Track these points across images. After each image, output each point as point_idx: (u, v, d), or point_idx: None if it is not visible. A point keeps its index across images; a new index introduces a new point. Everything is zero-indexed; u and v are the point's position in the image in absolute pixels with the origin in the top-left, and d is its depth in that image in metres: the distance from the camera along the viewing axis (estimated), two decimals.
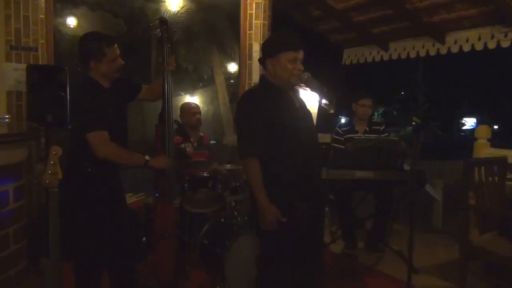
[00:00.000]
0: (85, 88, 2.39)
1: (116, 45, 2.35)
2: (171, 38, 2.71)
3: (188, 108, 3.69)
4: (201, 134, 3.79)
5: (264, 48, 2.25)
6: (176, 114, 3.58)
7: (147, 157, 2.39)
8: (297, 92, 2.28)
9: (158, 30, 2.64)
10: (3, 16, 3.59)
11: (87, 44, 2.31)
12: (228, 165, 3.39)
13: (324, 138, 2.43)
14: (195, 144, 3.66)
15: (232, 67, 6.43)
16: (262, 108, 2.13)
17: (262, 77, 2.29)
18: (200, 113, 3.73)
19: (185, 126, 3.61)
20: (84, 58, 2.33)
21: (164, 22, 2.65)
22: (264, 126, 2.09)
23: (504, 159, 3.23)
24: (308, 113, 2.24)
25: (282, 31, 2.24)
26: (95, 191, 2.30)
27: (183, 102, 3.92)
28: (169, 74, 2.61)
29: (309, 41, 2.25)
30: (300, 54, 2.15)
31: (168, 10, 5.78)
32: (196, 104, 3.81)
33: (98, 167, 2.29)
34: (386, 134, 4.02)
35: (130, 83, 2.67)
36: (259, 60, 2.28)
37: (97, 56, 2.29)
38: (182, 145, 3.54)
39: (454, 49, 4.94)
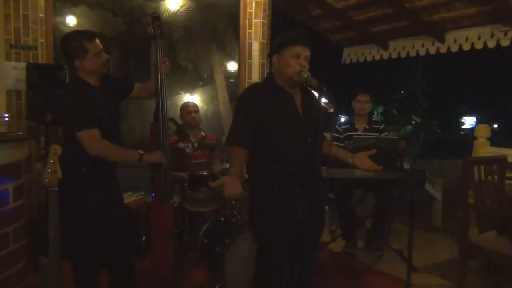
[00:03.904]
0: (72, 88, 2.38)
1: (97, 39, 2.32)
2: (164, 35, 2.68)
3: (184, 107, 3.68)
4: (203, 134, 3.77)
5: (273, 45, 2.28)
6: (171, 113, 3.57)
7: (140, 151, 2.38)
8: (306, 92, 2.25)
9: (151, 26, 2.60)
10: (3, 15, 3.59)
11: (67, 44, 2.28)
12: (228, 165, 3.39)
13: None
14: (196, 144, 3.65)
15: (232, 66, 6.43)
16: (253, 103, 2.20)
17: (269, 73, 2.33)
18: (196, 112, 3.68)
19: (184, 126, 3.61)
20: (68, 59, 2.30)
21: (156, 18, 2.60)
22: (250, 120, 2.17)
23: (503, 158, 3.23)
24: (314, 113, 2.21)
25: (292, 28, 2.24)
26: (91, 191, 2.30)
27: (183, 102, 3.90)
28: (163, 77, 2.59)
29: (309, 40, 2.24)
30: (305, 51, 2.15)
31: (168, 9, 5.78)
32: (194, 103, 3.77)
33: (94, 166, 2.28)
34: (386, 133, 4.03)
35: (121, 81, 2.64)
36: (268, 56, 2.30)
37: (80, 53, 2.26)
38: (182, 145, 3.52)
39: (454, 48, 4.95)
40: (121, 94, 2.58)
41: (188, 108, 3.64)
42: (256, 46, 4.51)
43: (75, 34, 2.34)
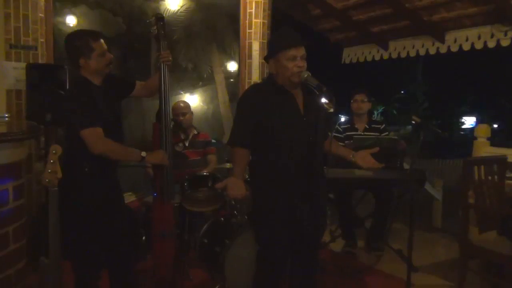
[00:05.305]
0: (75, 87, 2.39)
1: (102, 39, 2.33)
2: (168, 35, 2.68)
3: (174, 108, 3.67)
4: (195, 132, 3.77)
5: (267, 49, 2.28)
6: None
7: (143, 153, 2.38)
8: (307, 91, 2.25)
9: (155, 27, 2.61)
10: (3, 15, 3.59)
11: (73, 42, 2.29)
12: (228, 164, 3.40)
13: None
14: (187, 143, 3.66)
15: (232, 66, 6.43)
16: (255, 103, 2.21)
17: (269, 74, 2.33)
18: (185, 114, 3.66)
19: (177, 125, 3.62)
20: (72, 57, 2.31)
21: (160, 19, 2.61)
22: (252, 121, 2.18)
23: (503, 158, 3.22)
24: (315, 113, 2.21)
25: (282, 28, 2.24)
26: (92, 191, 2.30)
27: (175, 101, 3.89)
28: (165, 68, 2.58)
29: (309, 40, 2.23)
30: (300, 51, 2.15)
31: (168, 9, 5.78)
32: (185, 104, 3.74)
33: (95, 166, 2.28)
34: (386, 133, 4.03)
35: (123, 80, 2.64)
36: (265, 59, 2.31)
37: (86, 52, 2.27)
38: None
39: (454, 48, 4.94)
40: (123, 93, 2.58)
41: (175, 110, 3.64)
42: (256, 46, 4.51)
43: (81, 32, 2.35)
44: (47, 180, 1.92)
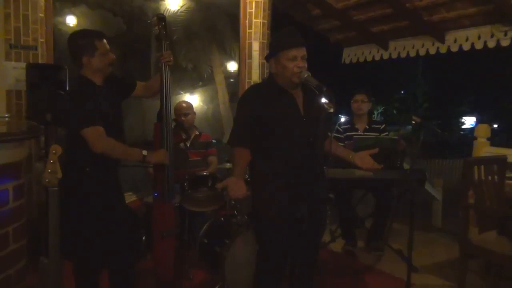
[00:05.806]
0: (77, 86, 2.40)
1: (105, 39, 2.35)
2: (170, 35, 2.68)
3: (177, 109, 3.67)
4: (197, 132, 3.77)
5: (269, 47, 2.29)
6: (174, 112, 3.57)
7: (144, 152, 2.38)
8: (307, 91, 2.24)
9: (156, 27, 2.62)
10: (3, 15, 3.59)
11: (77, 40, 2.30)
12: (228, 164, 3.40)
13: None
14: (188, 144, 3.66)
15: (232, 66, 6.45)
16: (255, 103, 2.21)
17: (270, 74, 2.33)
18: (187, 114, 3.66)
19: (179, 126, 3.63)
20: (75, 56, 2.31)
21: (162, 19, 2.62)
22: (252, 121, 2.19)
23: (503, 158, 3.22)
24: (315, 113, 2.20)
25: (285, 28, 2.24)
26: (93, 191, 2.30)
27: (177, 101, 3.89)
28: (167, 69, 2.59)
29: (309, 40, 2.24)
30: (301, 52, 2.15)
31: (168, 9, 5.78)
32: (188, 104, 3.74)
33: (96, 166, 2.28)
34: (386, 133, 4.03)
35: (124, 81, 2.64)
36: (266, 59, 2.31)
37: (89, 50, 2.28)
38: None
39: (454, 48, 4.94)
40: (124, 93, 2.59)
41: (178, 111, 3.64)
42: (256, 46, 4.50)
43: (85, 31, 2.38)
44: (47, 180, 1.92)
